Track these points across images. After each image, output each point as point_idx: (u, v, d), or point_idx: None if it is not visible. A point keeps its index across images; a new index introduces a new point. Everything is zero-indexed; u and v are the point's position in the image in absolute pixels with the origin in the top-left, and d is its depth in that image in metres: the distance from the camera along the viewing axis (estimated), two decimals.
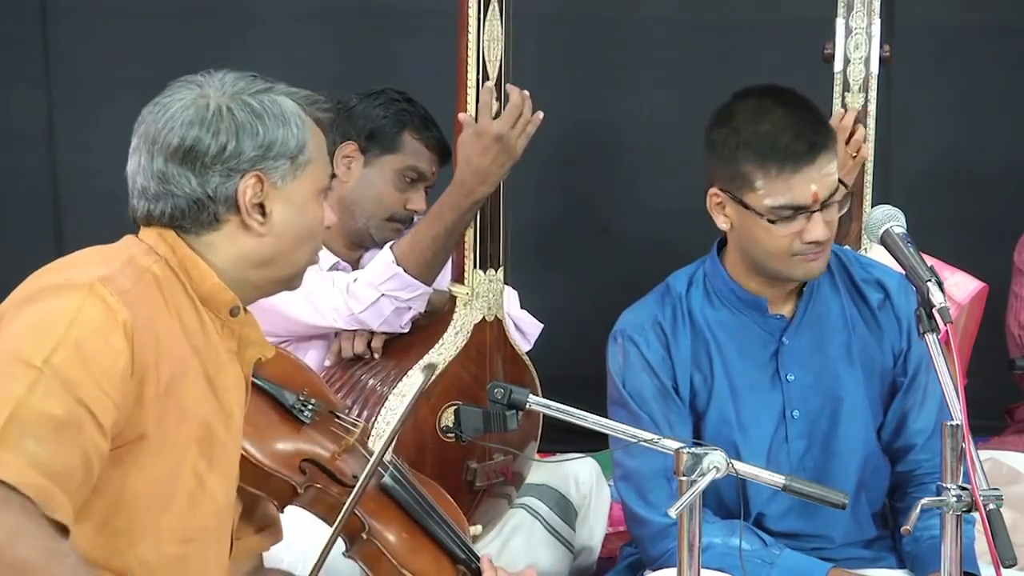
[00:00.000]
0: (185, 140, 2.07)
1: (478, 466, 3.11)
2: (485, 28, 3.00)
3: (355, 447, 2.49)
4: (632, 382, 2.82)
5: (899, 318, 2.86)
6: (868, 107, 3.42)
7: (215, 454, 2.11)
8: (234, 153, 2.07)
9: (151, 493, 2.02)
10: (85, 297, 1.94)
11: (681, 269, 2.92)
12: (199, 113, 2.08)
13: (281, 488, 2.36)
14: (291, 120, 2.11)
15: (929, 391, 2.84)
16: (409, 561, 2.45)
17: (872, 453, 2.87)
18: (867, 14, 3.40)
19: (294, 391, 2.41)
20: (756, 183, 2.69)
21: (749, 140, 2.69)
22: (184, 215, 2.09)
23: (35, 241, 4.34)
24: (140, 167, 2.11)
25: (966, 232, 4.52)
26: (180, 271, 2.09)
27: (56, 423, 1.86)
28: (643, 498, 2.80)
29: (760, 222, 2.70)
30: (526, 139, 3.04)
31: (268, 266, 2.14)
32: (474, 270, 3.10)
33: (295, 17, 4.43)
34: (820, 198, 2.67)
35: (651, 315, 2.85)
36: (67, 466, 1.87)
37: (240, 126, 2.08)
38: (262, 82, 2.14)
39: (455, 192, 3.03)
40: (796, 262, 2.73)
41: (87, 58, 4.38)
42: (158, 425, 2.00)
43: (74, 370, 1.89)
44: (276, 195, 2.10)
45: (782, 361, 2.83)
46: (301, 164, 2.12)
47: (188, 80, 2.14)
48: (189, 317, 2.08)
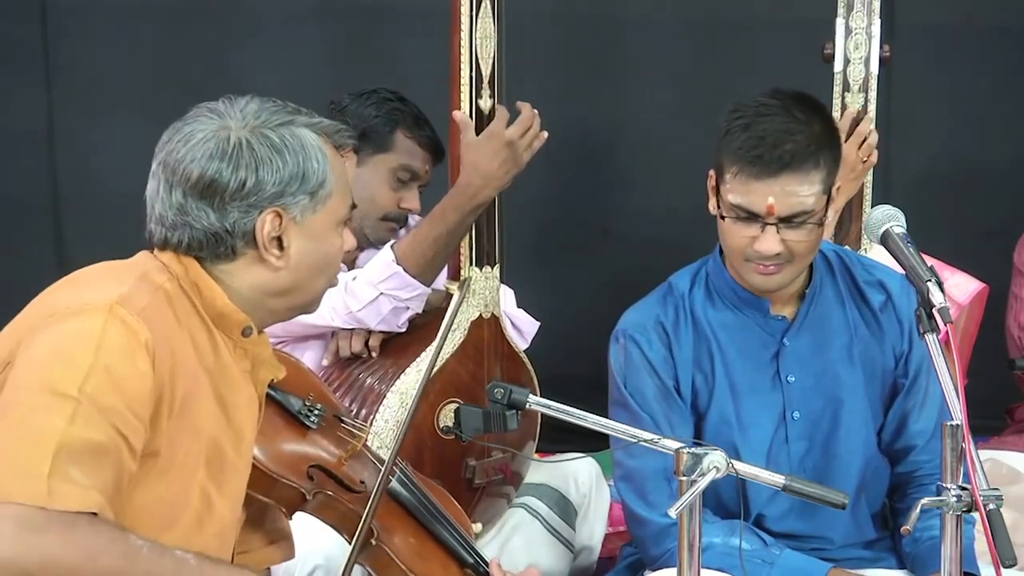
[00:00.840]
0: (205, 174, 2.05)
1: (477, 463, 3.12)
2: (478, 26, 3.02)
3: (362, 452, 2.49)
4: (634, 382, 2.82)
5: (900, 320, 2.86)
6: (868, 107, 3.41)
7: (224, 475, 2.11)
8: (254, 189, 2.05)
9: (156, 510, 2.02)
10: (107, 319, 1.93)
11: (684, 268, 2.92)
12: (219, 146, 2.05)
13: (289, 495, 2.36)
14: (312, 154, 2.09)
15: (930, 393, 2.84)
16: (418, 566, 2.45)
17: (872, 455, 2.87)
18: (867, 14, 3.40)
19: (300, 396, 2.41)
20: (726, 175, 2.69)
21: (734, 133, 2.69)
22: (202, 246, 2.08)
23: (35, 241, 4.34)
24: (159, 195, 2.09)
25: (966, 232, 4.51)
26: (192, 291, 2.08)
27: (97, 449, 1.88)
28: (643, 498, 2.80)
29: (722, 216, 2.71)
30: (531, 153, 3.07)
31: (285, 296, 2.14)
32: (470, 268, 3.11)
33: (291, 17, 4.43)
34: (776, 212, 2.64)
35: (653, 315, 2.85)
36: (108, 488, 1.89)
37: (260, 161, 2.05)
38: (284, 113, 2.11)
39: (459, 194, 3.03)
40: (749, 268, 2.72)
41: (87, 58, 4.38)
42: (170, 443, 2.00)
43: (108, 396, 1.90)
44: (294, 230, 2.09)
45: (783, 362, 2.83)
46: (321, 198, 2.10)
47: (210, 108, 2.11)
48: (200, 337, 2.08)
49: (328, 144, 2.13)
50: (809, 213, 2.66)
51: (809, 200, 2.66)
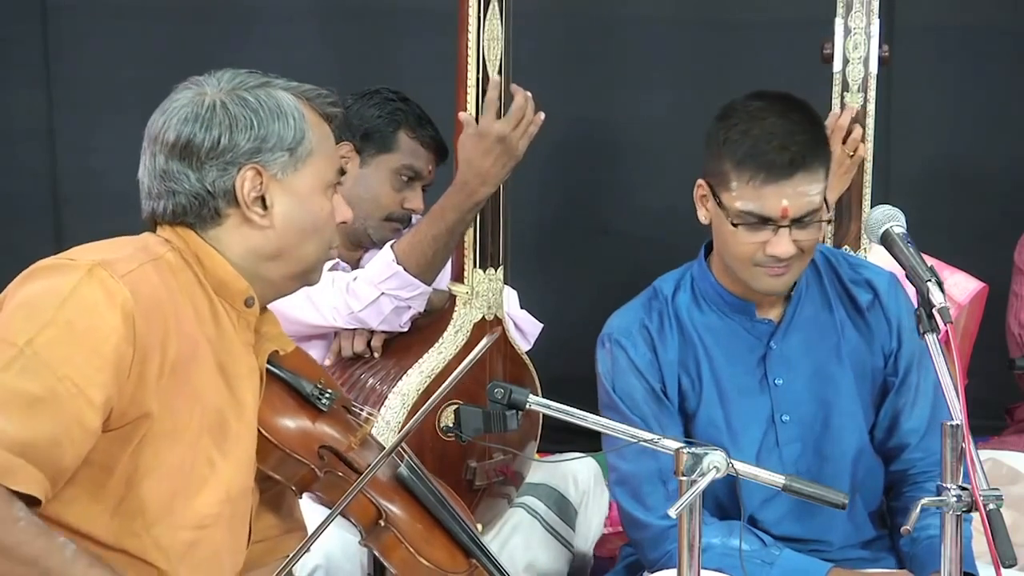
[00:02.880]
0: (181, 136, 2.10)
1: (478, 465, 3.12)
2: (485, 27, 3.00)
3: (370, 439, 2.50)
4: (622, 385, 2.82)
5: (888, 318, 2.85)
6: (867, 107, 3.42)
7: (228, 443, 2.13)
8: (228, 146, 2.10)
9: (164, 476, 2.04)
10: (82, 278, 1.97)
11: (668, 273, 2.91)
12: (194, 109, 2.11)
13: (300, 472, 2.36)
14: (288, 112, 2.14)
15: (921, 390, 2.83)
16: (425, 550, 2.46)
17: (865, 454, 2.86)
18: (866, 14, 3.40)
19: (311, 380, 2.43)
20: (731, 184, 2.68)
21: (735, 140, 2.68)
22: (186, 211, 2.12)
23: (35, 241, 4.33)
24: (146, 168, 2.15)
25: (966, 232, 4.51)
26: (193, 261, 2.12)
27: (30, 399, 1.90)
28: (640, 501, 2.79)
29: (727, 224, 2.69)
30: (528, 140, 3.05)
31: (277, 260, 2.16)
32: (474, 269, 3.10)
33: (295, 17, 4.43)
34: (790, 215, 2.65)
35: (637, 319, 2.84)
36: (42, 440, 1.90)
37: (234, 120, 2.11)
38: (260, 77, 2.17)
39: (456, 193, 3.03)
40: (757, 273, 2.71)
41: (87, 58, 4.38)
42: (166, 406, 2.02)
43: (59, 348, 1.92)
44: (277, 188, 2.13)
45: (770, 365, 2.82)
46: (301, 156, 2.14)
47: (192, 80, 2.17)
48: (202, 306, 2.11)
49: (308, 107, 2.17)
50: (818, 211, 2.68)
51: (817, 199, 2.68)
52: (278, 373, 2.34)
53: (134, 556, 2.03)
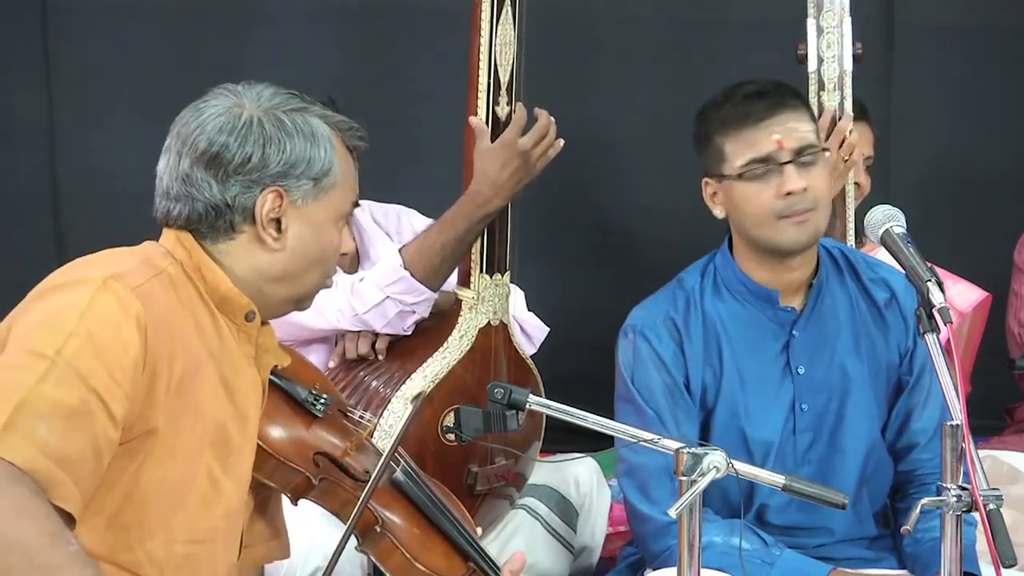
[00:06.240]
0: (212, 146, 2.09)
1: (479, 470, 3.10)
2: (497, 32, 2.98)
3: (366, 444, 2.50)
4: (641, 378, 2.83)
5: (905, 317, 2.87)
6: (844, 104, 3.44)
7: (230, 457, 2.13)
8: (258, 165, 2.09)
9: (164, 491, 2.03)
10: (97, 290, 1.96)
11: (693, 264, 2.93)
12: (230, 121, 2.10)
13: (295, 479, 2.36)
14: (321, 142, 2.13)
15: (933, 391, 2.85)
16: (422, 556, 2.46)
17: (876, 449, 2.87)
18: (837, 13, 3.43)
19: (306, 386, 2.42)
20: (726, 150, 2.74)
21: (715, 115, 2.77)
22: (201, 220, 2.11)
23: (35, 241, 4.34)
24: (168, 167, 2.13)
25: (966, 233, 4.52)
26: (195, 275, 2.11)
27: (68, 411, 1.88)
28: (646, 495, 2.80)
29: (737, 188, 2.73)
30: (546, 162, 3.05)
31: (280, 282, 2.16)
32: (480, 274, 3.09)
33: (300, 17, 4.42)
34: (787, 146, 2.71)
35: (663, 311, 2.86)
36: (78, 454, 1.88)
37: (268, 139, 2.09)
38: (299, 101, 2.15)
39: (468, 202, 3.02)
40: (783, 226, 2.73)
41: (87, 58, 4.38)
42: (171, 422, 2.01)
43: (86, 360, 1.91)
44: (294, 213, 2.12)
45: (792, 354, 2.84)
46: (324, 187, 2.14)
47: (229, 88, 2.15)
48: (204, 320, 2.10)
49: (338, 138, 2.16)
50: (815, 147, 2.74)
51: (810, 135, 2.75)
52: (273, 379, 2.33)
53: (125, 569, 2.01)
